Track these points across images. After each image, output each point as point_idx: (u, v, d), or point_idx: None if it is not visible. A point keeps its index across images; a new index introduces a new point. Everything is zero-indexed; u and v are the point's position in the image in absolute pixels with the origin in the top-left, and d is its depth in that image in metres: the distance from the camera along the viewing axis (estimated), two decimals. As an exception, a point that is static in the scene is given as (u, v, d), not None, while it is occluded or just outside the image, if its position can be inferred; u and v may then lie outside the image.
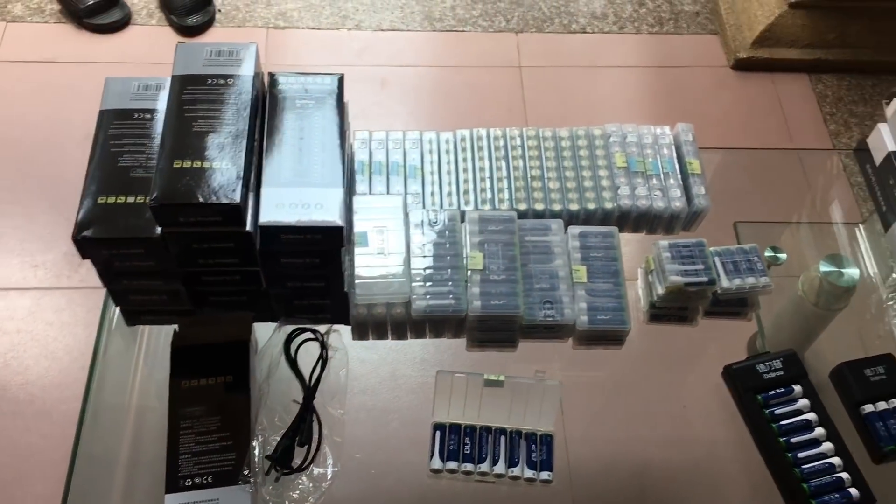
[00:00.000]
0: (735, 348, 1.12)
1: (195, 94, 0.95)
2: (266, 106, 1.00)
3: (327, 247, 0.95)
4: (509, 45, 2.22)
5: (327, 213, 0.93)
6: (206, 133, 0.92)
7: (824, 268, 1.17)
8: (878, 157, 1.23)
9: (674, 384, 1.14)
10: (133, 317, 1.07)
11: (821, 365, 1.18)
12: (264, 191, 0.93)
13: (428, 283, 1.04)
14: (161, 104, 0.97)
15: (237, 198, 0.88)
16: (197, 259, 0.95)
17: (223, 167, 0.90)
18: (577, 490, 1.04)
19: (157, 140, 0.93)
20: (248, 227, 0.91)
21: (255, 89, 0.98)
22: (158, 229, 0.90)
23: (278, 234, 0.92)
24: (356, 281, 1.03)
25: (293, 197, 0.93)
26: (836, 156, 1.74)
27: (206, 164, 0.90)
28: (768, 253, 1.27)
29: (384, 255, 1.05)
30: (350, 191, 1.11)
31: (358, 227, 1.07)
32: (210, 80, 0.96)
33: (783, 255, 1.28)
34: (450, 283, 1.04)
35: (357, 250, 1.05)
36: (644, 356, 1.13)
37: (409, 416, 1.05)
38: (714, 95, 2.18)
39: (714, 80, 2.21)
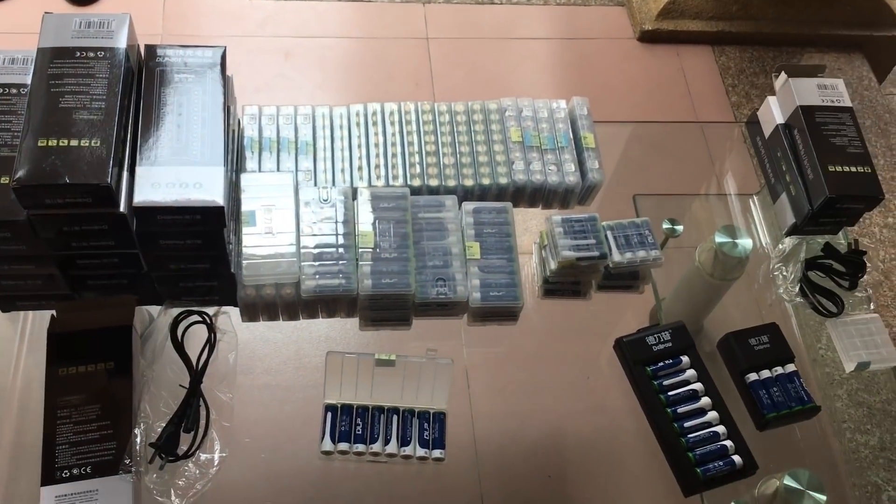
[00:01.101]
0: (628, 321, 1.14)
1: (63, 68, 0.90)
2: (142, 80, 0.96)
3: (208, 227, 0.91)
4: (417, 16, 2.19)
5: (207, 192, 0.89)
6: (74, 109, 0.88)
7: (719, 239, 1.18)
8: (767, 130, 1.26)
9: (569, 357, 1.15)
10: (7, 302, 1.02)
11: (717, 334, 1.21)
12: (139, 170, 0.89)
13: (317, 263, 1.02)
14: (30, 78, 0.92)
15: (107, 178, 0.84)
16: (69, 242, 0.91)
17: (93, 145, 0.86)
18: (480, 465, 1.04)
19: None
20: (122, 209, 0.87)
21: (130, 63, 0.94)
22: (25, 212, 0.86)
23: (154, 216, 0.89)
24: (243, 261, 1.00)
25: (170, 176, 0.90)
26: (737, 128, 1.78)
27: (73, 143, 0.85)
28: (666, 225, 1.29)
29: (272, 235, 1.02)
30: (237, 169, 1.08)
31: (245, 206, 1.04)
32: (79, 54, 0.91)
33: (680, 228, 1.30)
34: (340, 263, 1.02)
35: (245, 230, 1.02)
36: (540, 331, 1.13)
37: (301, 398, 1.04)
38: (620, 68, 2.20)
39: (620, 53, 2.23)
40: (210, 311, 1.04)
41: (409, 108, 1.19)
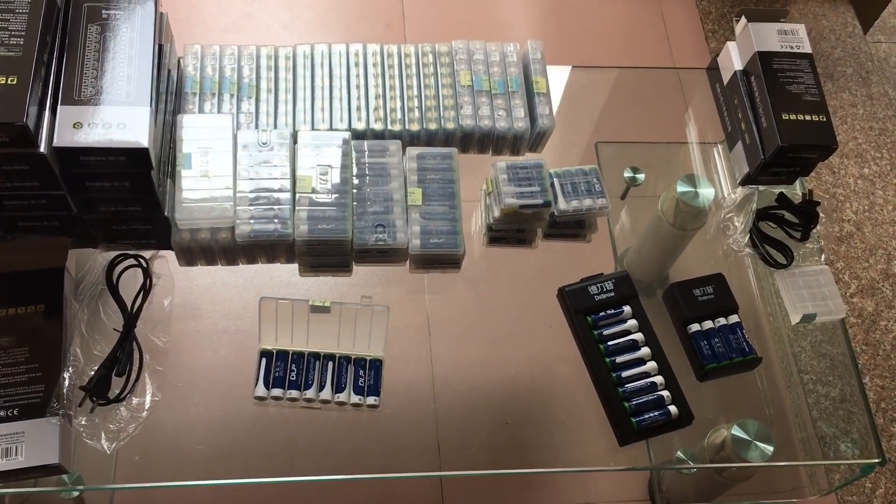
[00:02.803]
0: (574, 270, 1.12)
1: (-21, 3, 0.87)
2: (68, 16, 0.93)
3: (134, 170, 0.90)
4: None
5: (131, 133, 0.87)
6: (-9, 45, 0.85)
7: (680, 188, 1.17)
8: (726, 76, 1.23)
9: (513, 306, 1.14)
10: (-62, 243, 1.01)
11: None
12: (61, 109, 0.87)
13: (253, 207, 1.00)
14: (-54, 13, 0.89)
15: (22, 117, 0.82)
16: (-8, 183, 0.89)
17: (9, 83, 0.83)
18: (416, 411, 1.04)
19: (-62, 53, 0.86)
20: (42, 149, 0.85)
21: (53, -2, 0.90)
22: (-58, 151, 0.83)
23: (77, 157, 0.87)
24: (177, 205, 0.98)
25: (94, 116, 0.87)
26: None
27: (-11, 81, 0.83)
28: (627, 173, 1.28)
29: (209, 178, 1.00)
30: (174, 110, 1.05)
31: (182, 149, 1.01)
32: (-2, -13, 0.88)
33: (641, 176, 1.28)
34: (277, 207, 1.00)
35: (178, 171, 1.00)
36: (484, 279, 1.12)
37: (237, 344, 1.03)
38: (599, 11, 2.15)
39: (599, -6, 2.18)
40: (147, 254, 1.03)
41: (356, 49, 1.16)
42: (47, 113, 0.87)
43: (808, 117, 1.11)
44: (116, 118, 0.88)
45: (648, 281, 1.22)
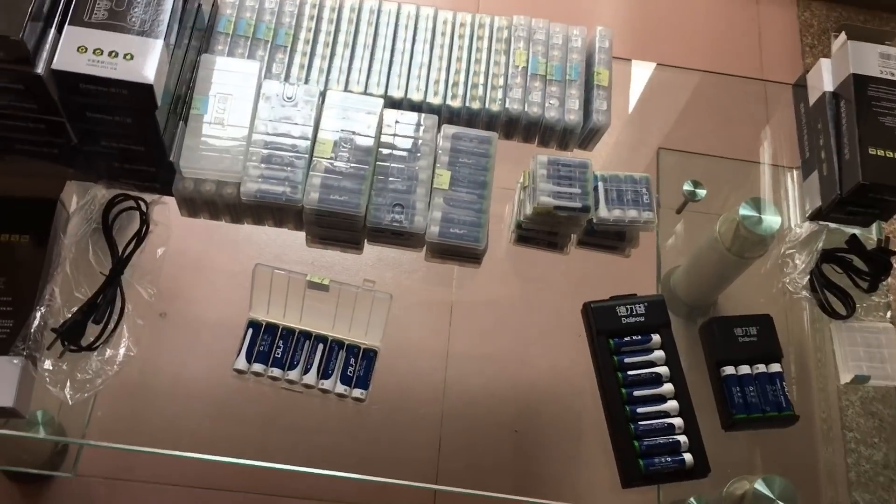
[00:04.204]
0: (604, 285, 1.01)
1: None
2: (92, -69, 0.85)
3: (137, 106, 0.82)
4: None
5: (138, 66, 0.80)
6: (0, -50, 0.78)
7: (743, 211, 1.05)
8: (814, 97, 1.10)
9: (532, 313, 1.04)
10: (-65, 155, 0.95)
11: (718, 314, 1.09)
12: (67, 29, 0.80)
13: (264, 165, 0.92)
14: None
15: (20, 32, 0.75)
16: (-13, 98, 0.82)
17: (11, -6, 0.76)
18: (417, 409, 0.96)
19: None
20: (40, 70, 0.78)
21: None
22: (-65, 57, 0.77)
23: (76, 83, 0.80)
24: (183, 150, 0.91)
25: (102, 41, 0.80)
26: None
27: (-11, -11, 0.76)
28: (687, 186, 1.16)
29: (222, 126, 0.93)
30: (200, 48, 0.98)
31: (199, 91, 0.94)
32: None
33: (702, 192, 1.17)
34: (290, 169, 0.92)
35: (192, 115, 0.92)
36: (503, 279, 1.03)
37: (225, 308, 0.96)
38: (691, 7, 2.00)
39: (694, -10, 2.03)
40: (148, 198, 0.96)
41: (409, 10, 1.06)
42: (52, 31, 0.80)
43: (897, 155, 0.98)
44: (125, 47, 0.80)
45: (691, 306, 1.11)
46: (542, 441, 1.05)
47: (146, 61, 0.80)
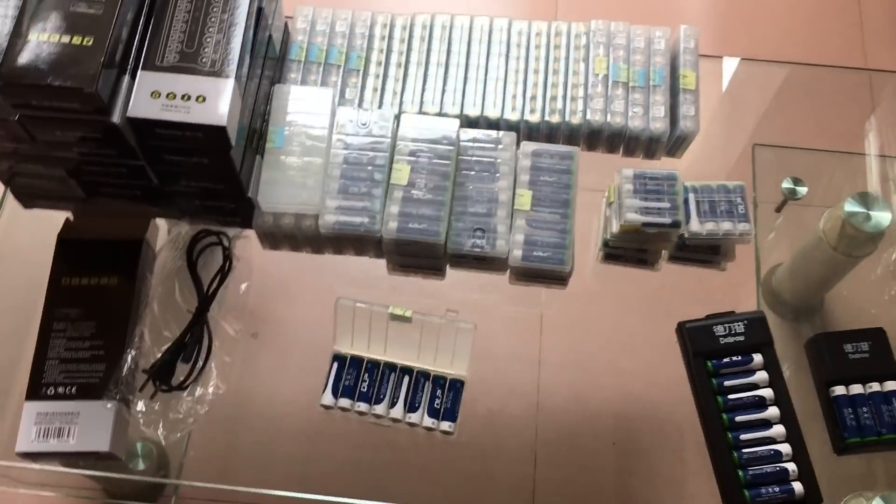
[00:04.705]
0: (700, 302, 0.96)
1: (67, -47, 0.81)
2: (161, -27, 0.85)
3: (212, 147, 0.82)
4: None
5: (211, 108, 0.79)
6: (73, 1, 0.78)
7: (849, 207, 0.98)
8: (923, 87, 1.02)
9: (623, 335, 1.00)
10: (28, 199, 0.97)
11: (828, 325, 1.03)
12: (140, 75, 0.80)
13: (342, 196, 0.91)
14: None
15: (94, 84, 0.75)
16: (70, 147, 0.83)
17: (85, 44, 0.77)
18: (501, 439, 0.93)
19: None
20: (116, 119, 0.78)
21: (146, -48, 0.83)
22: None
23: (152, 129, 0.80)
24: (262, 185, 0.90)
25: (174, 84, 0.80)
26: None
27: (65, 39, 0.77)
28: (787, 184, 1.10)
29: (298, 157, 0.92)
30: (272, 79, 0.97)
31: (274, 122, 0.93)
32: (89, -64, 0.81)
33: (803, 189, 1.10)
34: (368, 198, 0.91)
35: (268, 148, 0.92)
36: (592, 299, 0.99)
37: (311, 341, 0.95)
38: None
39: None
40: (230, 233, 0.96)
41: (482, 23, 1.03)
42: (127, 77, 0.80)
43: None
44: (197, 89, 0.80)
45: (796, 307, 1.06)
46: (642, 465, 1.01)
47: (218, 102, 0.80)
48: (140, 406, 0.87)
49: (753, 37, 1.81)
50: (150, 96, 0.79)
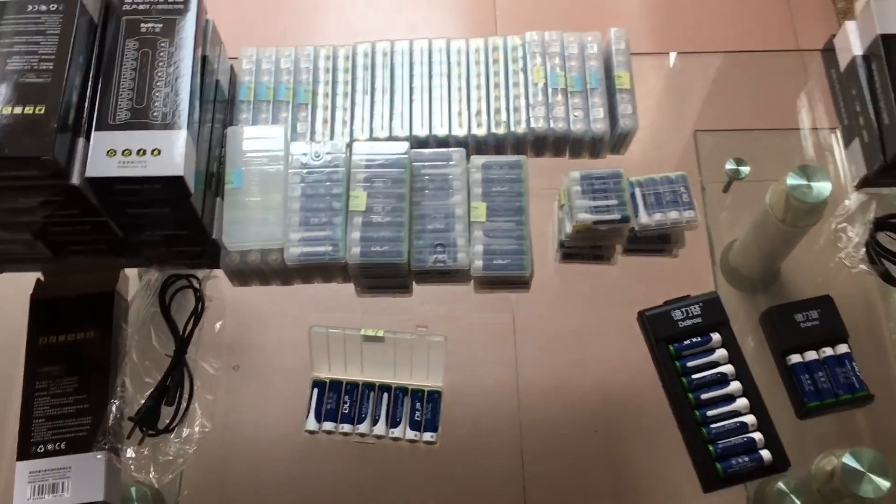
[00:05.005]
0: (657, 289, 1.01)
1: (12, 26, 0.83)
2: (105, 32, 0.88)
3: (171, 196, 0.85)
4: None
5: (166, 159, 0.82)
6: (21, 72, 0.81)
7: (791, 180, 1.03)
8: (844, 61, 1.07)
9: (588, 329, 1.04)
10: (-3, 264, 1.00)
11: (784, 295, 1.07)
12: (94, 136, 0.83)
13: (303, 228, 0.94)
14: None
15: (51, 151, 0.78)
16: (33, 212, 0.86)
17: (37, 113, 0.79)
18: (471, 448, 0.97)
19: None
20: (75, 181, 0.81)
21: (89, 14, 0.86)
22: (-22, 183, 0.81)
23: (111, 186, 0.82)
24: (224, 226, 0.93)
25: (128, 141, 0.83)
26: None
27: (17, 110, 0.79)
28: (730, 165, 1.15)
29: (257, 196, 0.95)
30: (224, 122, 1.00)
31: (230, 163, 0.96)
32: (31, 7, 0.84)
33: (746, 169, 1.15)
34: (329, 227, 0.94)
35: (227, 189, 0.95)
36: (556, 299, 1.03)
37: (289, 370, 0.98)
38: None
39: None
40: (200, 274, 0.99)
41: (422, 45, 1.07)
42: (82, 139, 0.83)
43: (940, 112, 0.95)
44: (151, 143, 0.83)
45: (755, 279, 1.11)
46: (625, 450, 1.05)
47: (173, 153, 0.82)
48: (130, 453, 0.89)
49: (690, 30, 1.87)
50: (106, 155, 0.82)
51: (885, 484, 0.94)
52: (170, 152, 0.82)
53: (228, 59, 1.04)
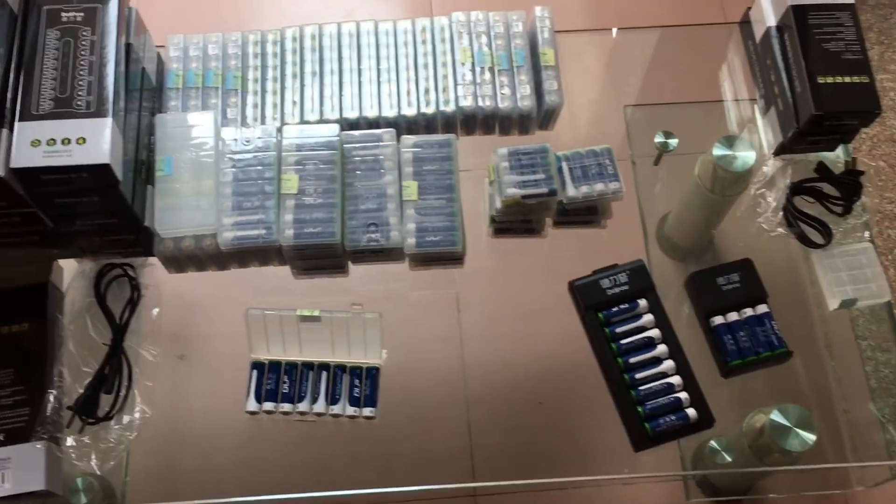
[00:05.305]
0: (587, 259, 1.04)
1: (-71, 18, 0.82)
2: (26, 22, 0.87)
3: (99, 185, 0.85)
4: None
5: (91, 148, 0.82)
6: (-60, 64, 0.80)
7: (717, 151, 1.06)
8: (759, 32, 1.11)
9: (521, 301, 1.07)
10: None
11: (714, 261, 1.10)
12: (18, 126, 0.83)
13: (236, 212, 0.95)
14: None
15: (-27, 142, 0.77)
16: (-41, 205, 0.85)
17: (-41, 105, 0.79)
18: (411, 421, 0.99)
19: None
20: (0, 172, 0.81)
21: (8, 5, 0.85)
22: None
23: (37, 176, 0.82)
24: (156, 213, 0.94)
25: (53, 130, 0.83)
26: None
27: (-62, 103, 0.79)
28: (658, 138, 1.18)
29: (188, 182, 0.96)
30: (152, 110, 1.00)
31: (160, 151, 0.97)
32: (-53, -1, 0.83)
33: (674, 141, 1.18)
34: (262, 211, 0.95)
35: (158, 177, 0.95)
36: (489, 273, 1.05)
37: (228, 354, 0.99)
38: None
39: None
40: (135, 262, 0.99)
41: (350, 29, 1.08)
42: (5, 131, 0.82)
43: (847, 79, 0.99)
44: (76, 132, 0.83)
45: (690, 249, 1.14)
46: (568, 418, 1.08)
47: (99, 141, 0.83)
48: (70, 441, 0.90)
49: (623, 7, 1.90)
50: (30, 145, 0.82)
51: (810, 438, 0.98)
52: (95, 140, 0.83)
53: (156, 48, 1.03)
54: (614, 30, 1.29)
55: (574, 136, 1.15)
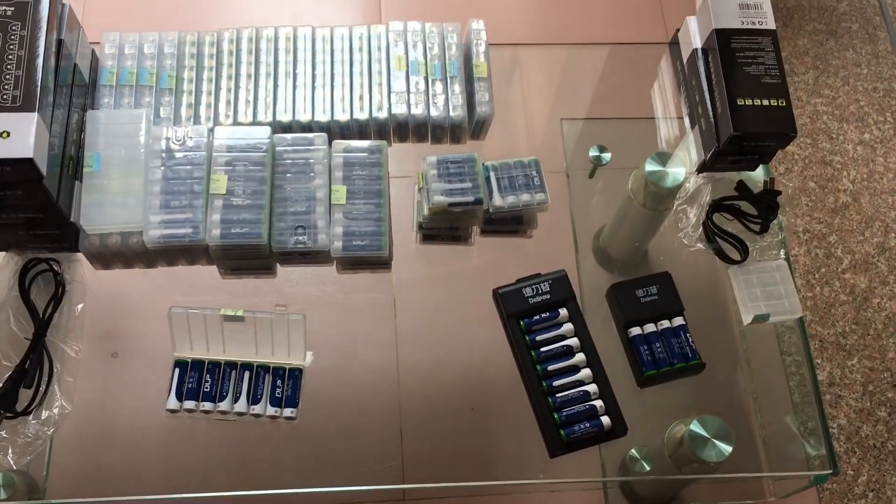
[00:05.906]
0: (512, 268, 1.06)
1: None
2: (-46, 15, 0.88)
3: (23, 179, 0.85)
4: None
5: (15, 142, 0.83)
6: None
7: (649, 167, 1.10)
8: (686, 53, 1.14)
9: (446, 308, 1.09)
10: None
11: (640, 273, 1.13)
12: (-59, 118, 0.83)
13: (164, 210, 0.95)
14: None
15: None
16: None
17: None
18: (331, 423, 1.00)
19: None
20: (-79, 162, 0.81)
21: (-65, -4, 0.85)
22: None
23: (-42, 168, 0.82)
24: (83, 209, 0.94)
25: (-24, 124, 0.83)
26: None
27: None
28: (593, 152, 1.20)
29: (117, 179, 0.96)
30: (84, 106, 1.00)
31: (89, 147, 0.97)
32: None
33: (607, 155, 1.21)
34: (188, 210, 0.96)
35: (86, 173, 0.95)
36: (416, 279, 1.07)
37: (152, 352, 0.99)
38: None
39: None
40: (60, 258, 0.99)
41: (286, 33, 1.09)
42: (-72, 122, 0.82)
43: (765, 102, 1.03)
44: (1, 126, 0.83)
45: (624, 262, 1.17)
46: (497, 424, 1.09)
47: (23, 136, 0.83)
48: (-13, 435, 0.89)
49: (569, 23, 1.94)
50: (-48, 137, 0.82)
51: (727, 449, 1.02)
52: (20, 135, 0.83)
53: (91, 45, 1.04)
54: (555, 45, 1.32)
55: (510, 147, 1.18)
